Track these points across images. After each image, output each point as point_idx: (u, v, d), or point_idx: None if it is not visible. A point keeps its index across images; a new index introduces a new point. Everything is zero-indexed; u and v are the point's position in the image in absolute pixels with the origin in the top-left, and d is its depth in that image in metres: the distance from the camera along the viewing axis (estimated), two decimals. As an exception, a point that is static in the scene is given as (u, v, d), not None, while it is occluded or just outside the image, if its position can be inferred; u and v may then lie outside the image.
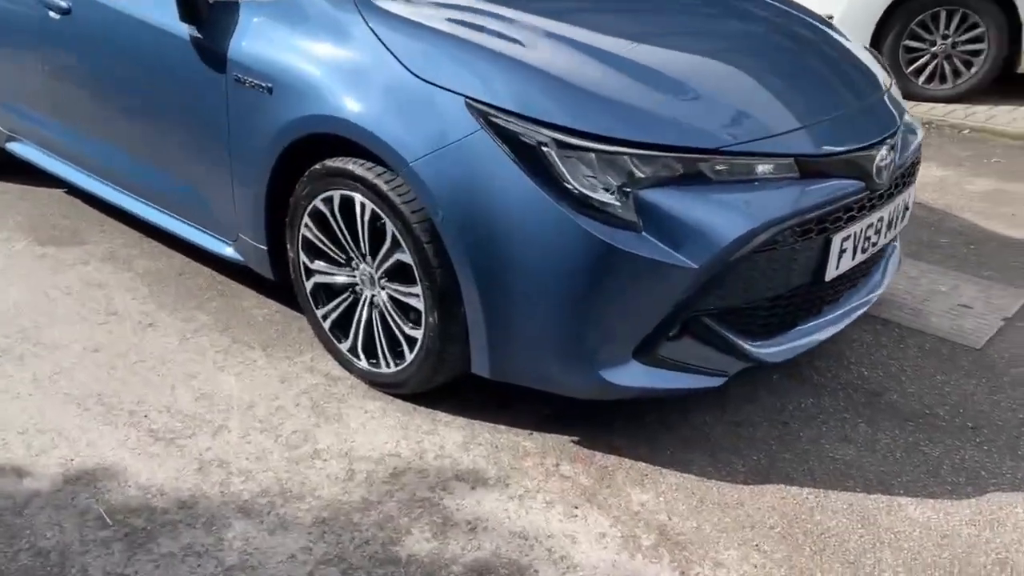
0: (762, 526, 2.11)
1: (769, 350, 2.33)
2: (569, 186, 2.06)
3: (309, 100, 2.38)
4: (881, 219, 2.46)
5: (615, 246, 2.04)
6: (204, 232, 3.02)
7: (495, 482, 2.24)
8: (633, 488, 2.23)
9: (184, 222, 3.08)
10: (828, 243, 2.28)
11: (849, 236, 2.33)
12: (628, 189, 2.07)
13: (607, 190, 2.07)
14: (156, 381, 2.65)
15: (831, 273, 2.34)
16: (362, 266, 2.50)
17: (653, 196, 2.08)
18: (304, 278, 2.68)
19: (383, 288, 2.47)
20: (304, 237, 2.61)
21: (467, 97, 2.16)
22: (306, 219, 2.57)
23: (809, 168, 2.23)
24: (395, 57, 2.28)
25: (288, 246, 2.69)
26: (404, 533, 2.07)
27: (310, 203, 2.53)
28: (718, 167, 2.13)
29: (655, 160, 2.08)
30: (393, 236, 2.34)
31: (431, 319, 2.32)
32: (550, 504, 2.17)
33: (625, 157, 2.07)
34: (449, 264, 2.24)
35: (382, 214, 2.33)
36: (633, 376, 2.20)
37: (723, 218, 2.09)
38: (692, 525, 2.11)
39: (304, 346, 2.85)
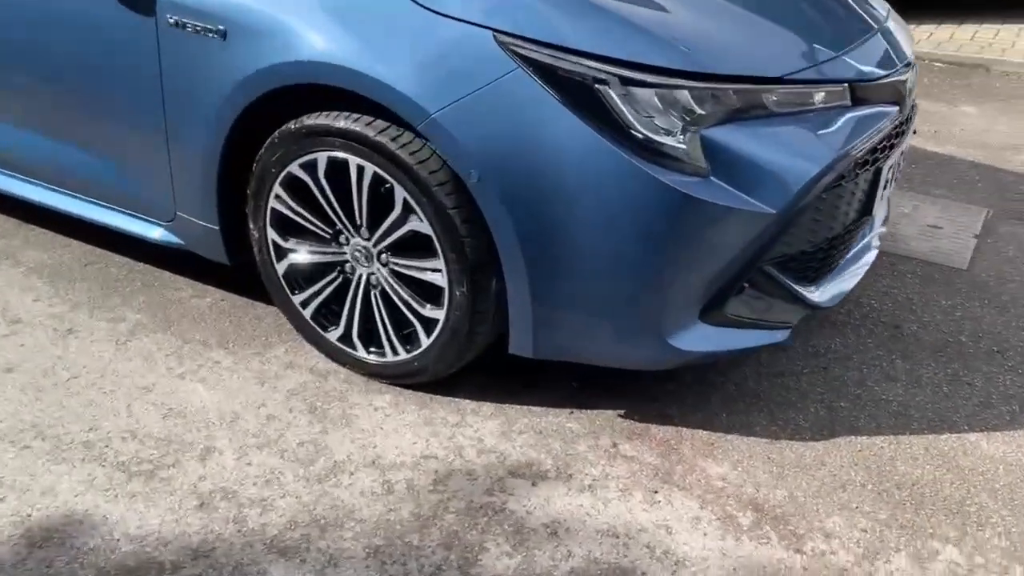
0: (852, 485, 1.96)
1: (824, 295, 2.16)
2: (633, 130, 1.77)
3: (284, 44, 1.94)
4: (907, 146, 2.33)
5: (690, 195, 1.78)
6: (124, 214, 2.51)
7: (556, 474, 1.97)
8: (706, 460, 2.02)
9: (96, 204, 2.55)
10: (879, 174, 2.12)
11: (891, 165, 2.18)
12: (693, 129, 1.80)
13: (669, 132, 1.80)
14: (103, 401, 2.17)
15: (877, 206, 2.19)
16: (354, 240, 2.12)
17: (718, 135, 1.83)
18: (274, 259, 2.26)
19: (385, 264, 2.10)
20: (274, 211, 2.18)
21: (495, 31, 1.81)
22: (277, 189, 2.14)
23: (859, 95, 2.04)
24: (394, -13, 1.89)
25: (250, 224, 2.25)
26: (479, 550, 1.77)
27: (283, 170, 2.10)
28: (779, 98, 1.90)
29: (718, 94, 1.83)
30: (404, 203, 1.97)
31: (457, 296, 1.99)
32: (626, 492, 1.92)
33: (686, 92, 1.80)
34: (482, 231, 1.91)
35: (389, 178, 1.96)
36: (702, 339, 1.97)
37: (797, 156, 1.88)
38: (783, 494, 1.93)
39: (271, 338, 2.43)
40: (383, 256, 2.10)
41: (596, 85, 1.77)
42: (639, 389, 2.24)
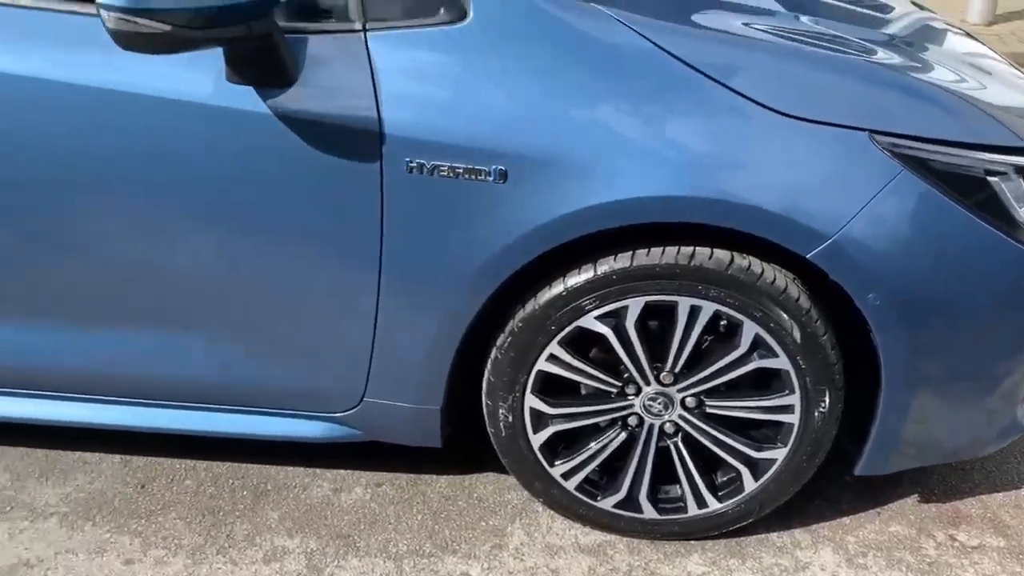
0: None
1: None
2: (1017, 216, 1.65)
3: (612, 181, 1.53)
4: None
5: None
6: (264, 415, 1.86)
7: (945, 592, 1.81)
8: (1001, 511, 1.99)
9: (208, 409, 1.86)
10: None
11: None
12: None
13: (1026, 211, 1.70)
14: None
15: None
16: (648, 388, 1.76)
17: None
18: (530, 431, 1.81)
19: (695, 408, 1.77)
20: (541, 374, 1.74)
21: (873, 131, 1.57)
22: (554, 349, 1.71)
23: None
24: (736, 92, 1.55)
25: (498, 395, 1.77)
26: None
27: (568, 325, 1.68)
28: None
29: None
30: (755, 339, 1.67)
31: (813, 427, 1.74)
32: (1018, 587, 1.83)
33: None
34: (855, 355, 1.69)
35: (736, 314, 1.65)
36: (1024, 404, 1.92)
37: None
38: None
39: (490, 520, 1.95)
40: (689, 400, 1.77)
41: (988, 177, 1.61)
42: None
